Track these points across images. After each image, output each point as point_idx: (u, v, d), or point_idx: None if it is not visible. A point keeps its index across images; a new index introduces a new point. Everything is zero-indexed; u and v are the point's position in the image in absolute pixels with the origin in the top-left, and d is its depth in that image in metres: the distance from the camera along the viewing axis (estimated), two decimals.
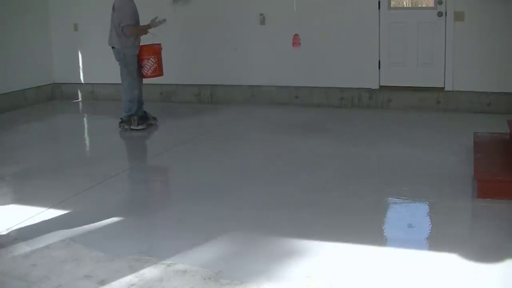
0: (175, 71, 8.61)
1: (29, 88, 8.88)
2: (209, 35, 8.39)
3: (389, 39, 7.70)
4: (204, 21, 8.40)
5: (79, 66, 9.25)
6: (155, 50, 7.00)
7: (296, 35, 7.16)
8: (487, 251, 3.58)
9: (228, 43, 8.32)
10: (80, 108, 9.11)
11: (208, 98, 8.60)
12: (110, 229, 4.16)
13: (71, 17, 9.06)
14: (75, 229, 4.11)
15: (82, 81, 9.29)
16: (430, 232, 4.05)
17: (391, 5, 7.82)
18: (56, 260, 3.61)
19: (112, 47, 6.97)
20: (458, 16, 7.28)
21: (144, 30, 6.96)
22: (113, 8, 6.89)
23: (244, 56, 8.28)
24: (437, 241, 3.83)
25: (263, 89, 8.32)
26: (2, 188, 5.30)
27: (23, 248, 3.81)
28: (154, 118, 7.32)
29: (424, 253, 3.68)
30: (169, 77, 8.65)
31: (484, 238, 3.80)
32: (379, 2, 7.65)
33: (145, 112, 7.23)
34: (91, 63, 9.07)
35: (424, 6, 8.79)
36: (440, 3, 7.39)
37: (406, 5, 9.09)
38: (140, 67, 6.99)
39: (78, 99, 9.33)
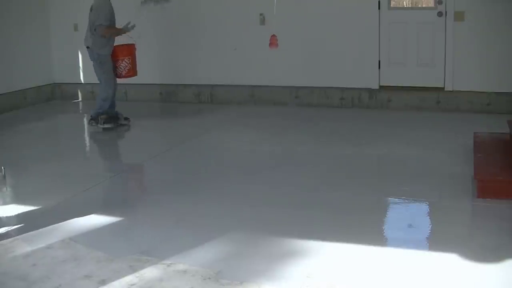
0: (175, 71, 8.63)
1: (29, 88, 8.87)
2: (209, 35, 8.39)
3: (389, 39, 7.70)
4: (204, 21, 8.40)
5: (79, 66, 9.24)
6: (129, 51, 7.03)
7: (273, 35, 7.12)
8: (487, 251, 3.58)
9: (228, 43, 8.32)
10: (80, 108, 9.10)
11: (208, 98, 8.60)
12: (110, 229, 4.16)
13: (71, 17, 9.05)
14: (75, 229, 4.11)
15: (82, 81, 9.28)
16: (430, 232, 4.06)
17: (391, 5, 7.83)
18: (56, 260, 3.61)
19: (87, 47, 7.02)
20: (458, 16, 7.29)
21: (117, 32, 6.95)
22: (90, 9, 6.95)
23: (244, 56, 8.28)
24: (437, 241, 3.83)
25: (263, 89, 8.33)
26: (2, 187, 5.30)
27: (23, 248, 3.81)
28: (126, 119, 7.33)
29: (424, 253, 3.68)
30: (169, 77, 8.69)
31: (484, 238, 3.80)
32: (379, 2, 7.65)
33: (117, 112, 7.27)
34: (91, 63, 9.03)
35: (424, 6, 8.78)
36: (440, 3, 7.39)
37: (406, 5, 9.08)
38: (114, 67, 7.03)
39: (78, 99, 9.33)
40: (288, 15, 7.82)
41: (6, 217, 4.44)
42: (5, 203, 4.82)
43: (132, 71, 7.12)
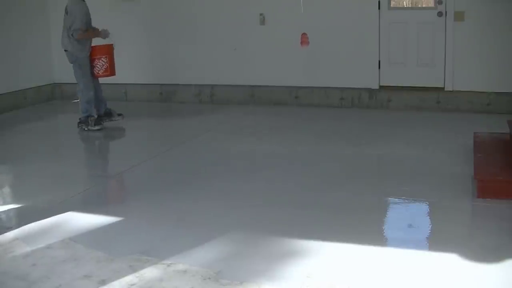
0: (176, 71, 8.63)
1: (29, 88, 8.87)
2: (209, 35, 8.39)
3: (389, 39, 7.70)
4: (203, 21, 8.40)
5: None
6: (107, 50, 7.11)
7: (304, 34, 7.19)
8: (487, 251, 3.58)
9: (228, 43, 8.32)
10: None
11: (208, 98, 8.60)
12: (110, 229, 4.16)
13: None
14: (75, 229, 4.11)
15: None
16: (430, 232, 4.06)
17: (391, 5, 7.82)
18: (56, 260, 3.61)
19: (65, 50, 7.10)
20: (458, 16, 7.28)
21: (94, 35, 7.06)
22: (66, 11, 7.02)
23: (244, 56, 8.28)
24: (437, 241, 3.83)
25: (263, 89, 8.33)
26: (2, 187, 5.31)
27: (23, 248, 3.81)
28: (120, 115, 7.41)
29: (424, 253, 3.68)
30: (169, 77, 8.68)
31: (484, 238, 3.80)
32: (379, 2, 7.65)
33: (110, 109, 7.36)
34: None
35: (424, 6, 8.77)
36: (440, 3, 7.39)
37: (406, 5, 9.07)
38: (91, 66, 7.10)
39: (78, 99, 9.30)
40: (288, 15, 7.82)
41: (6, 217, 4.44)
42: (5, 203, 4.83)
43: (109, 71, 7.18)
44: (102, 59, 7.07)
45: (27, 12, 8.77)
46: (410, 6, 9.08)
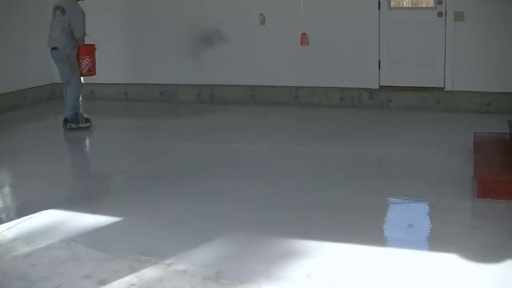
0: (176, 71, 8.63)
1: (29, 88, 8.87)
2: (209, 35, 8.39)
3: (389, 39, 7.70)
4: (204, 21, 8.40)
5: None
6: (91, 50, 7.26)
7: (303, 33, 7.21)
8: (487, 251, 3.58)
9: (228, 43, 8.32)
10: (80, 108, 9.08)
11: (208, 98, 8.60)
12: (110, 229, 4.16)
13: None
14: (75, 229, 4.11)
15: (82, 81, 9.26)
16: (430, 232, 4.06)
17: (391, 5, 7.82)
18: (56, 260, 3.61)
19: (53, 48, 7.12)
20: (458, 16, 7.28)
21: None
22: (62, 11, 7.02)
23: (244, 56, 8.28)
24: (437, 241, 3.83)
25: (263, 89, 8.32)
26: (2, 187, 5.31)
27: (23, 248, 3.81)
28: (88, 121, 7.49)
29: (424, 253, 3.68)
30: (169, 77, 8.69)
31: (484, 238, 3.79)
32: (379, 2, 7.65)
33: (81, 114, 7.44)
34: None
35: (424, 6, 8.76)
36: (440, 3, 7.39)
37: (406, 5, 9.06)
38: None
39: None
40: (288, 15, 7.82)
41: (6, 217, 4.44)
42: (5, 203, 4.83)
43: (92, 70, 7.32)
44: (86, 59, 7.22)
45: (27, 12, 8.77)
46: (410, 6, 9.07)
